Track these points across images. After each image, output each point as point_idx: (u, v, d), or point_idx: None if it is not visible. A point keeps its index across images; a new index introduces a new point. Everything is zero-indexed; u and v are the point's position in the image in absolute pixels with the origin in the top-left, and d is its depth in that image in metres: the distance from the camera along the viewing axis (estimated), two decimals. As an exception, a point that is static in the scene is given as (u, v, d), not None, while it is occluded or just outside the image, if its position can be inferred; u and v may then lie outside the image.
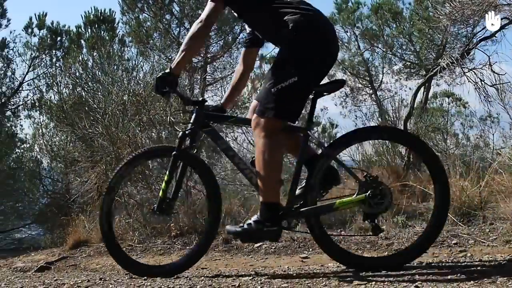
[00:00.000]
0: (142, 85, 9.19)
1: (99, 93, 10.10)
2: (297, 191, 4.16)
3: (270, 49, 19.66)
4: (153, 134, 8.78)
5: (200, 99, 4.38)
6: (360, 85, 19.74)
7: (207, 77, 17.22)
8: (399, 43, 17.18)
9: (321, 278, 3.84)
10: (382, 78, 19.03)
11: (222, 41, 19.34)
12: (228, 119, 4.61)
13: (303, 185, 4.16)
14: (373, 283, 3.52)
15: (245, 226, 4.05)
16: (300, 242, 5.89)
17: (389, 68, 18.62)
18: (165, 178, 4.32)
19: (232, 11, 4.41)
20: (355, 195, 4.02)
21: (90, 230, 7.24)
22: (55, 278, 4.41)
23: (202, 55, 18.88)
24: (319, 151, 4.22)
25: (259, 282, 3.78)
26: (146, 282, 3.98)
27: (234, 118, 4.48)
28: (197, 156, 4.53)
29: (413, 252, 4.09)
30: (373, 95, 18.92)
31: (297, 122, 4.25)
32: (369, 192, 3.95)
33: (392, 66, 18.38)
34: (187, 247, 6.17)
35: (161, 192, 4.32)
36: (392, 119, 8.73)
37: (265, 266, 5.08)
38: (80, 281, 4.11)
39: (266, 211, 3.98)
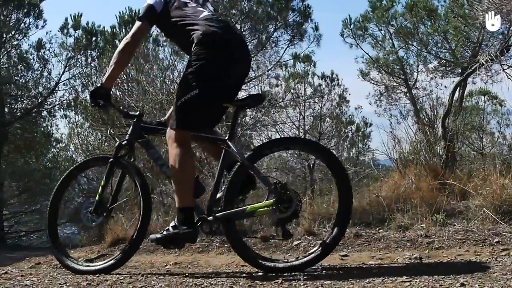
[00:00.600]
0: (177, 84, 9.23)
1: (135, 92, 10.18)
2: (217, 197, 4.37)
3: (304, 48, 19.63)
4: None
5: (137, 113, 4.79)
6: (394, 84, 19.65)
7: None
8: (434, 41, 17.03)
9: (364, 276, 3.83)
10: (417, 77, 18.92)
11: (255, 40, 19.36)
12: (160, 132, 4.79)
13: (222, 191, 4.34)
14: (417, 280, 3.50)
15: (165, 232, 4.31)
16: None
17: (424, 66, 18.48)
18: (102, 183, 4.67)
19: (160, 31, 4.66)
20: (264, 201, 4.22)
21: (128, 228, 7.28)
22: (97, 275, 4.44)
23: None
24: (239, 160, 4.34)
25: (302, 279, 3.77)
26: (188, 279, 4.00)
27: (165, 130, 4.56)
28: (133, 163, 4.76)
29: (318, 256, 4.26)
30: (407, 94, 18.80)
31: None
32: (275, 198, 4.14)
33: (427, 64, 18.24)
34: (225, 245, 6.17)
35: (97, 196, 4.66)
36: (430, 117, 8.63)
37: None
38: (122, 278, 4.14)
39: (181, 216, 4.22)
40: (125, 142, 4.65)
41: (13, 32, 21.06)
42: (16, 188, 19.13)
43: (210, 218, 4.27)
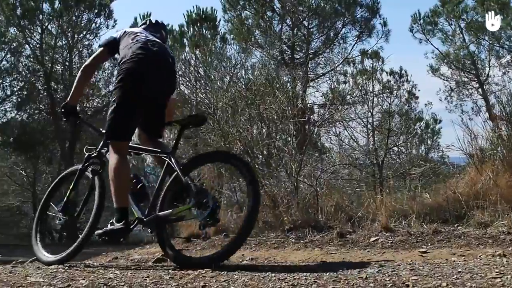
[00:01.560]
0: (251, 80, 9.26)
1: (205, 88, 10.25)
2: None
3: (372, 44, 19.51)
4: (255, 130, 8.81)
5: None
6: (465, 79, 19.32)
7: (309, 73, 17.21)
8: (506, 34, 16.67)
9: (450, 272, 3.75)
10: (489, 72, 18.54)
11: (323, 36, 19.34)
12: None
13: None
14: (508, 276, 3.40)
15: (105, 228, 4.80)
16: (417, 236, 5.78)
17: (496, 60, 18.11)
18: (70, 187, 5.31)
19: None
20: (186, 205, 4.63)
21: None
22: (178, 269, 4.48)
23: (303, 51, 19.01)
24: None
25: (386, 274, 3.72)
26: (270, 273, 3.98)
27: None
28: (99, 172, 5.17)
29: (229, 251, 4.62)
30: (479, 89, 18.46)
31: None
32: (193, 202, 4.52)
33: (500, 58, 17.86)
34: (301, 241, 6.18)
35: (65, 198, 5.31)
36: (508, 112, 8.41)
37: (384, 260, 4.99)
38: (204, 272, 4.15)
39: (117, 214, 4.70)
40: (94, 154, 5.22)
41: (84, 32, 21.65)
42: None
43: (146, 219, 4.74)
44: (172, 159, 4.74)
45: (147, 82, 4.71)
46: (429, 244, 5.54)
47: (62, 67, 22.03)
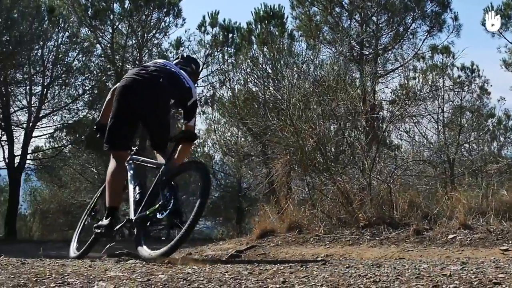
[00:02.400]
0: (322, 76, 9.22)
1: (275, 84, 10.26)
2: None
3: (442, 39, 19.23)
4: (322, 127, 8.75)
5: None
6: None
7: (378, 69, 17.04)
8: None
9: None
10: None
11: (393, 32, 19.15)
12: (139, 160, 5.78)
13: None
14: None
15: (96, 223, 5.46)
16: (497, 234, 5.65)
17: None
18: (97, 195, 6.18)
19: None
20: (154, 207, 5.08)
21: (275, 221, 7.33)
22: (256, 264, 4.47)
23: (372, 47, 18.85)
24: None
25: (471, 272, 3.63)
26: (350, 269, 3.95)
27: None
28: None
29: (178, 242, 4.94)
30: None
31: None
32: (159, 204, 5.00)
33: None
34: (376, 238, 6.12)
35: (92, 204, 6.15)
36: None
37: (466, 257, 4.89)
38: (282, 268, 4.14)
39: (106, 212, 5.26)
40: None
41: (153, 32, 22.01)
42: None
43: (134, 220, 5.14)
44: (163, 169, 5.21)
45: (136, 98, 5.20)
46: (510, 242, 5.41)
47: (132, 66, 22.37)
